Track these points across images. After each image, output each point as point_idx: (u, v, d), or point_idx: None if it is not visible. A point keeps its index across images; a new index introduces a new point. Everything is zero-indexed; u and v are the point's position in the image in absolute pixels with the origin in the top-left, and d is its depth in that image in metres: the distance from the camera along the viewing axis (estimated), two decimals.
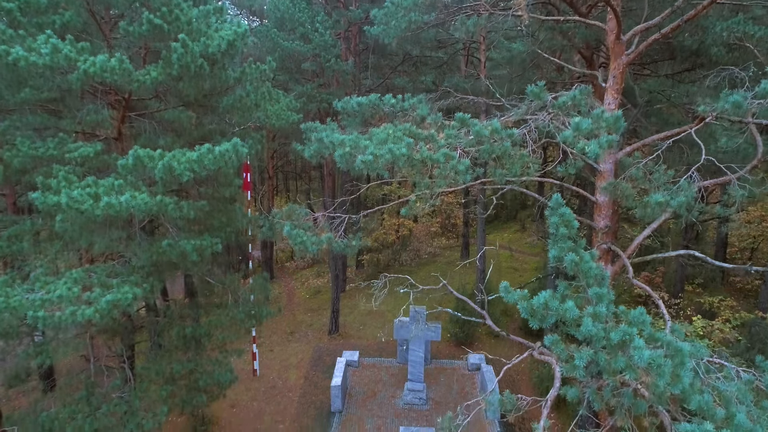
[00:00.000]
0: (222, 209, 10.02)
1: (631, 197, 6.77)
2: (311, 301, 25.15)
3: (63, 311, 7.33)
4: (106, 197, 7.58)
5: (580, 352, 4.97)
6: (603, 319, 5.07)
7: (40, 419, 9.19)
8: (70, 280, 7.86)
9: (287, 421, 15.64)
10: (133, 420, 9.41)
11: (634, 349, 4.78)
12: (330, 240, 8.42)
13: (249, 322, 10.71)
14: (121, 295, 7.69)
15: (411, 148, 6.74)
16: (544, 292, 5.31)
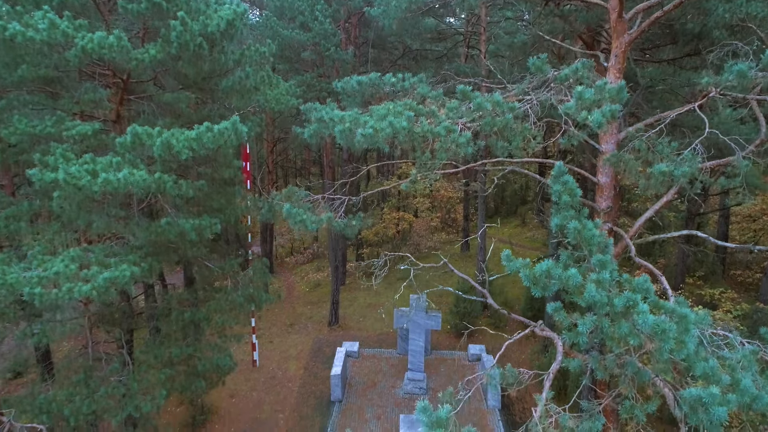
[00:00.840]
0: (221, 191, 9.95)
1: (634, 168, 6.71)
2: (311, 294, 25.08)
3: (60, 288, 7.26)
4: (104, 173, 7.51)
5: (584, 318, 4.90)
6: (606, 286, 5.00)
7: (38, 402, 9.12)
8: (67, 258, 7.78)
9: (287, 411, 15.57)
10: (131, 402, 9.34)
11: (639, 314, 4.71)
12: (330, 219, 8.35)
13: (248, 306, 10.63)
14: (118, 273, 7.62)
15: (411, 121, 6.67)
16: (546, 260, 5.24)
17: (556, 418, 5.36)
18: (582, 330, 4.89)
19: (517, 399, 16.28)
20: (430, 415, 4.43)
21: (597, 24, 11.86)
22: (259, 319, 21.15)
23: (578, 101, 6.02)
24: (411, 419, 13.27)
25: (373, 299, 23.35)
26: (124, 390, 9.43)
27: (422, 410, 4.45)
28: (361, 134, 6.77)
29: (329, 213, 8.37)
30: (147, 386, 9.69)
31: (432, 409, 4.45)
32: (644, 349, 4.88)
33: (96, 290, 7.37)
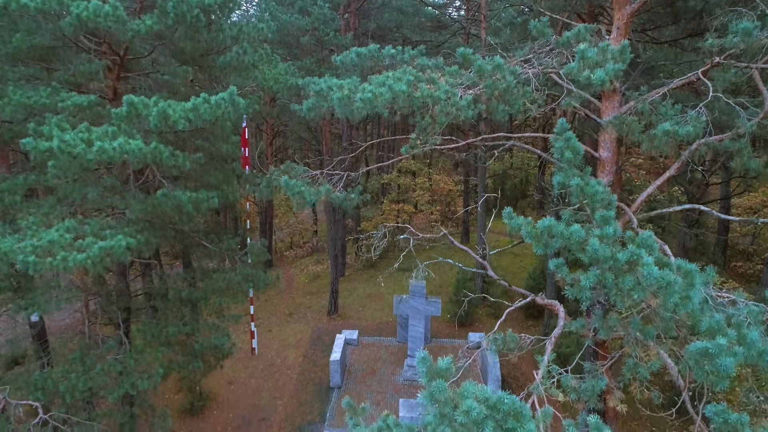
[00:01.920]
0: (219, 168, 9.84)
1: (637, 130, 6.60)
2: (310, 285, 24.97)
3: (54, 257, 7.15)
4: (99, 142, 7.41)
5: (587, 273, 4.80)
6: (610, 241, 4.90)
7: (33, 379, 9.02)
8: (62, 228, 7.68)
9: (286, 397, 15.46)
10: (127, 380, 9.22)
11: (644, 266, 4.61)
12: (328, 191, 8.24)
13: (246, 286, 10.52)
14: (114, 243, 7.51)
15: (411, 85, 6.57)
16: (547, 218, 5.14)
17: (559, 378, 5.25)
18: (585, 285, 4.79)
19: (516, 385, 16.18)
20: (429, 366, 4.33)
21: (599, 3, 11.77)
22: (258, 308, 21.06)
23: (581, 61, 5.92)
24: (411, 403, 13.17)
25: (373, 290, 23.26)
26: (120, 368, 9.31)
27: (422, 360, 4.34)
28: (360, 99, 6.67)
29: (327, 185, 8.27)
30: (144, 365, 9.58)
31: (431, 360, 4.35)
32: (648, 306, 4.77)
33: (91, 260, 7.26)
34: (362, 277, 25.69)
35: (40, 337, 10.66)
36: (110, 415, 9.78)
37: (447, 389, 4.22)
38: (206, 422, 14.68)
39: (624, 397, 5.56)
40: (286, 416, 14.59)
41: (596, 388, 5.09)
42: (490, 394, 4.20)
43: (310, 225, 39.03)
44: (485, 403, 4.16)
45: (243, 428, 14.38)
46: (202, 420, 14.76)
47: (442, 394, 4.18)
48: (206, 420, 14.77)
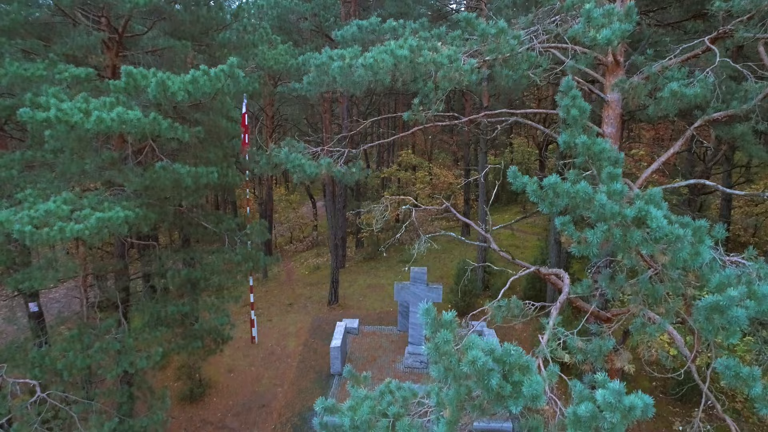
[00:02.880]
0: (218, 145, 9.74)
1: (643, 92, 6.50)
2: (311, 276, 24.87)
3: (51, 227, 7.05)
4: (97, 111, 7.31)
5: (594, 229, 4.69)
6: (618, 197, 4.80)
7: (30, 356, 8.92)
8: (59, 200, 7.57)
9: (286, 385, 15.36)
10: (126, 359, 9.13)
11: (652, 220, 4.51)
12: (329, 165, 8.14)
13: (246, 265, 10.41)
14: (112, 214, 7.41)
15: (414, 51, 6.47)
16: (552, 175, 5.04)
17: (564, 340, 5.15)
18: (592, 240, 4.69)
19: None
20: (434, 317, 4.23)
21: None
22: (257, 299, 20.97)
23: (586, 21, 5.82)
24: None
25: (373, 280, 23.17)
26: (119, 346, 9.21)
27: (425, 312, 4.24)
28: (361, 64, 6.56)
29: (328, 159, 8.17)
30: (142, 344, 9.48)
31: (435, 312, 4.24)
32: (658, 258, 4.67)
33: (88, 230, 7.16)
34: (362, 269, 25.60)
35: (37, 317, 10.55)
36: (108, 394, 9.68)
37: (452, 341, 4.11)
38: (206, 409, 14.58)
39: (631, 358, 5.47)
40: (287, 403, 14.49)
41: (603, 348, 4.99)
42: (495, 345, 4.11)
43: (309, 220, 38.97)
44: (491, 354, 4.06)
45: (243, 415, 14.28)
46: (202, 407, 14.66)
47: (446, 345, 4.08)
48: (206, 407, 14.67)
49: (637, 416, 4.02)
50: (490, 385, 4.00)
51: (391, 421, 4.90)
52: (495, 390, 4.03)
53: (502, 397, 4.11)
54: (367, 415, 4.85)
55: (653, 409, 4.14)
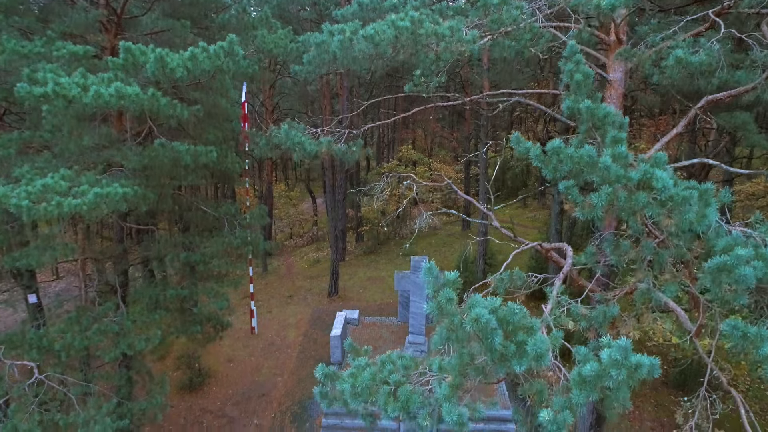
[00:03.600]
0: (218, 126, 9.67)
1: (647, 62, 6.42)
2: (311, 269, 24.80)
3: (49, 202, 6.98)
4: (95, 86, 7.24)
5: (599, 192, 4.62)
6: (623, 160, 4.73)
7: (28, 337, 8.84)
8: (57, 176, 7.50)
9: (286, 374, 15.30)
10: (124, 341, 9.05)
11: (657, 180, 4.44)
12: (329, 143, 8.07)
13: (246, 248, 10.34)
14: (110, 189, 7.34)
15: (415, 23, 6.40)
16: (556, 140, 4.97)
17: (568, 307, 5.08)
18: (597, 204, 4.61)
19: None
20: (436, 276, 4.16)
21: None
22: (257, 291, 20.89)
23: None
24: None
25: (374, 273, 23.09)
26: (117, 329, 9.14)
27: (428, 271, 4.17)
28: (362, 36, 6.49)
29: (329, 138, 8.09)
30: (141, 326, 9.40)
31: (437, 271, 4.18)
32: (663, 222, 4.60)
33: (86, 205, 7.09)
34: (362, 262, 25.53)
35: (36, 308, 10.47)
36: (107, 377, 9.61)
37: (454, 299, 4.04)
38: (205, 398, 14.51)
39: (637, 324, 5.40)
40: (286, 392, 14.42)
41: (608, 315, 4.91)
42: (498, 305, 4.03)
43: (310, 216, 38.90)
44: (494, 314, 3.98)
45: (242, 404, 14.21)
46: (201, 396, 14.59)
47: (449, 304, 4.01)
48: (205, 396, 14.60)
49: (643, 375, 3.95)
50: (494, 344, 3.93)
51: (393, 389, 4.82)
52: (498, 350, 3.96)
53: (505, 358, 4.04)
54: (368, 382, 4.78)
55: (659, 370, 4.06)
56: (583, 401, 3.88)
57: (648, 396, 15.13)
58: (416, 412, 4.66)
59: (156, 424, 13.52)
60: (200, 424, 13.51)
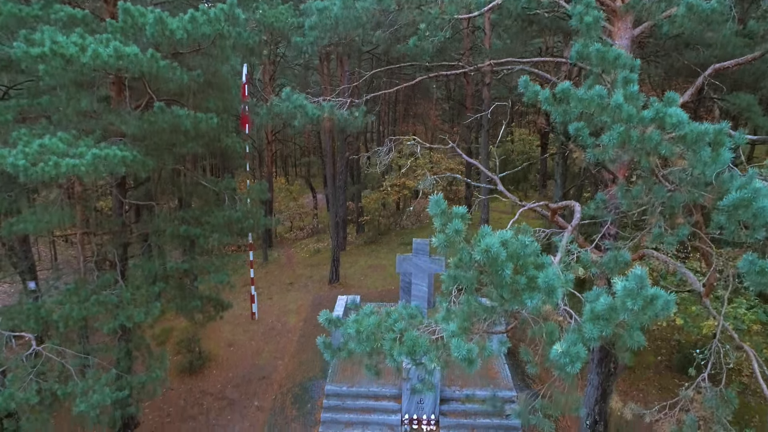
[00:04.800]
0: (218, 96, 9.53)
1: (657, 13, 6.29)
2: (311, 258, 24.67)
3: (46, 162, 6.85)
4: (93, 45, 7.11)
5: (610, 132, 4.49)
6: (635, 100, 4.61)
7: (25, 308, 8.72)
8: (55, 138, 7.37)
9: (286, 358, 15.16)
10: (123, 313, 8.92)
11: (671, 117, 4.31)
12: (331, 108, 7.94)
13: (246, 221, 10.20)
14: (109, 152, 7.22)
15: None
16: (566, 82, 4.84)
17: (578, 254, 4.95)
18: (608, 143, 4.49)
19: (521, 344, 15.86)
20: (444, 209, 4.03)
21: None
22: (258, 279, 20.75)
23: None
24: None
25: (374, 261, 22.97)
26: (116, 300, 9.01)
27: (435, 203, 4.04)
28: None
29: (331, 102, 7.97)
30: (140, 298, 9.26)
31: (445, 204, 4.04)
32: (676, 162, 4.47)
33: (84, 166, 6.96)
34: (363, 251, 25.41)
35: (31, 270, 10.33)
36: (105, 350, 9.47)
37: (463, 231, 3.91)
38: (205, 381, 14.38)
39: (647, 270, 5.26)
40: (287, 375, 14.29)
41: (620, 260, 4.79)
42: (509, 237, 3.90)
43: (310, 209, 38.80)
44: (504, 246, 3.85)
45: (243, 386, 14.08)
46: (201, 379, 14.46)
47: (457, 236, 3.88)
48: (205, 379, 14.47)
49: (658, 309, 3.82)
50: (504, 277, 3.80)
51: (399, 335, 4.70)
52: (508, 283, 3.83)
53: (516, 292, 3.91)
54: (373, 327, 4.66)
55: (674, 305, 3.94)
56: (596, 336, 3.75)
57: (652, 379, 15.01)
58: (422, 356, 4.53)
59: (156, 404, 13.40)
60: (200, 405, 13.39)
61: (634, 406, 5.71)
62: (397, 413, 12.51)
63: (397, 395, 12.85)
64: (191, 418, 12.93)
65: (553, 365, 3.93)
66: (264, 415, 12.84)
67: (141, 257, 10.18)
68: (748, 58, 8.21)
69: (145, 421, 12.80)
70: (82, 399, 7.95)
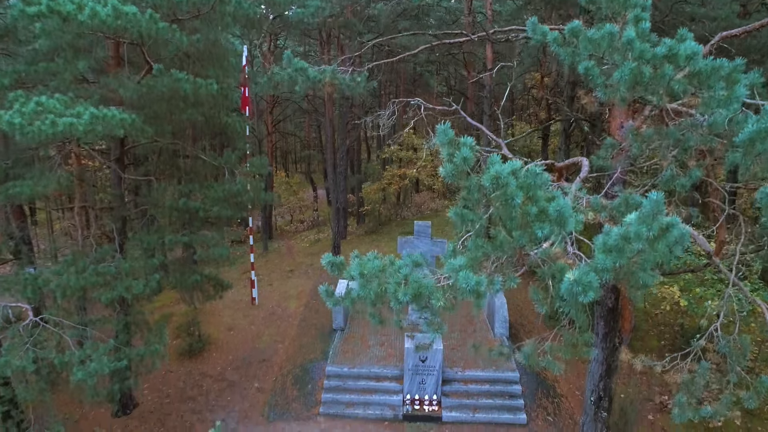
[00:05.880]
0: (218, 65, 9.40)
1: None
2: (311, 248, 24.55)
3: (43, 120, 6.72)
4: (91, 3, 6.98)
5: (622, 67, 4.36)
6: (646, 36, 4.48)
7: (22, 277, 8.58)
8: (53, 99, 7.24)
9: (287, 341, 15.03)
10: (122, 284, 8.79)
11: (685, 50, 4.19)
12: (333, 73, 7.81)
13: (246, 195, 10.08)
14: (107, 112, 7.09)
15: None
16: (574, 21, 4.72)
17: (588, 200, 4.82)
18: (619, 79, 4.36)
19: (524, 330, 15.75)
20: (451, 138, 3.90)
21: None
22: (258, 268, 20.62)
23: None
24: (417, 337, 12.73)
25: (375, 249, 22.81)
26: (114, 271, 8.88)
27: (443, 132, 3.91)
28: None
29: (333, 66, 7.84)
30: (139, 270, 9.13)
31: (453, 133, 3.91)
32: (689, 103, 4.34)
33: (81, 126, 6.83)
34: (364, 241, 25.29)
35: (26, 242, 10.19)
36: (104, 322, 9.34)
37: (472, 160, 3.78)
38: (205, 363, 14.25)
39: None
40: (288, 357, 14.16)
41: (631, 202, 4.66)
42: (519, 166, 3.77)
43: (310, 203, 38.70)
44: (514, 175, 3.73)
45: (243, 369, 13.95)
46: (201, 362, 14.33)
47: (466, 164, 3.75)
48: (205, 362, 14.34)
49: (673, 239, 3.68)
50: (514, 207, 3.68)
51: (404, 278, 4.57)
52: (518, 214, 3.71)
53: (526, 224, 3.78)
54: (377, 270, 4.53)
55: (689, 238, 3.81)
56: (609, 266, 3.62)
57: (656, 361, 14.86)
58: (428, 299, 4.41)
59: (155, 386, 13.28)
60: (200, 387, 13.26)
61: (645, 358, 5.59)
62: (399, 394, 12.38)
63: (398, 376, 12.72)
64: (191, 399, 12.80)
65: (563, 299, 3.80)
66: (264, 396, 12.71)
67: (140, 231, 10.04)
68: (756, 25, 8.09)
69: (143, 402, 12.67)
70: (80, 367, 7.82)
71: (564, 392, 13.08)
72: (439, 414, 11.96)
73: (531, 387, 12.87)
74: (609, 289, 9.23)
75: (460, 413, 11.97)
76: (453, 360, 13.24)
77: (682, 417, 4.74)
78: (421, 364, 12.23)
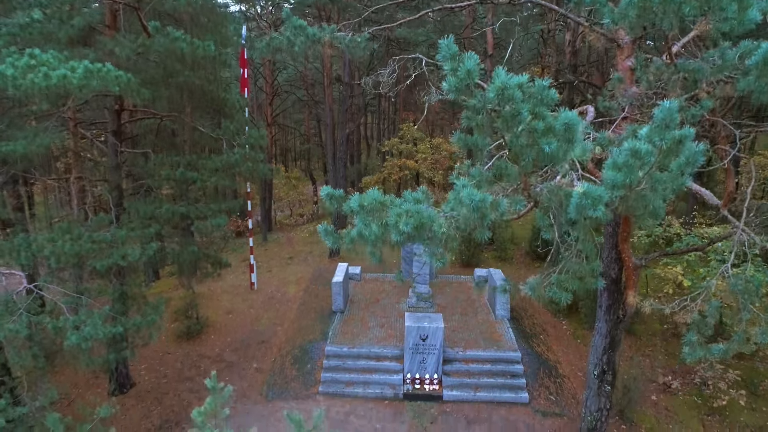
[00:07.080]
0: (215, 31, 9.26)
1: None
2: (311, 237, 24.37)
3: (36, 72, 6.58)
4: None
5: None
6: None
7: (16, 242, 8.42)
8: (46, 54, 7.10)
9: (286, 324, 14.87)
10: (117, 251, 8.64)
11: None
12: (333, 32, 7.67)
13: (244, 165, 9.93)
14: (102, 67, 6.94)
15: None
16: None
17: (595, 136, 4.68)
18: (627, 5, 4.22)
19: (525, 315, 15.59)
20: (454, 53, 3.75)
21: None
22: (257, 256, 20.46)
23: None
24: (416, 316, 12.58)
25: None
26: (110, 238, 8.72)
27: (446, 47, 3.76)
28: None
29: (333, 26, 7.70)
30: (135, 238, 8.97)
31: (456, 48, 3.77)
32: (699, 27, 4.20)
33: (76, 79, 6.69)
34: None
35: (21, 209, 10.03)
36: (99, 290, 9.17)
37: (476, 74, 3.64)
38: (203, 345, 14.09)
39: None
40: (287, 339, 13.99)
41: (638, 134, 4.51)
42: (525, 80, 3.63)
43: (309, 196, 38.58)
44: (521, 89, 3.58)
45: (242, 350, 13.78)
46: (199, 344, 14.17)
47: (470, 78, 3.61)
48: (203, 344, 14.18)
49: (686, 154, 3.55)
50: (521, 120, 3.53)
51: (405, 211, 4.42)
52: (525, 128, 3.56)
53: (533, 141, 3.64)
54: (377, 203, 4.39)
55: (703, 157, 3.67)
56: (620, 181, 3.48)
57: (659, 346, 14.73)
58: (430, 230, 4.26)
59: (152, 366, 13.11)
60: (197, 368, 13.10)
61: (653, 302, 5.44)
62: (399, 373, 12.21)
63: (399, 356, 12.56)
64: (188, 380, 12.63)
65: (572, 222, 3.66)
66: (263, 376, 12.54)
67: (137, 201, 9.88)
68: None
69: (141, 382, 12.51)
70: (74, 332, 7.66)
71: (566, 373, 12.91)
72: (440, 393, 11.79)
73: (533, 367, 12.70)
74: (613, 260, 9.08)
75: (462, 392, 11.80)
76: (454, 341, 13.08)
77: (692, 355, 4.59)
78: (422, 343, 12.06)
